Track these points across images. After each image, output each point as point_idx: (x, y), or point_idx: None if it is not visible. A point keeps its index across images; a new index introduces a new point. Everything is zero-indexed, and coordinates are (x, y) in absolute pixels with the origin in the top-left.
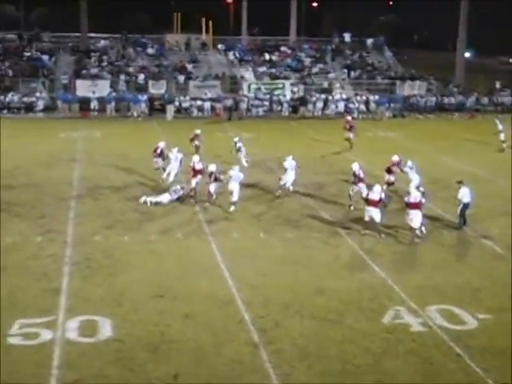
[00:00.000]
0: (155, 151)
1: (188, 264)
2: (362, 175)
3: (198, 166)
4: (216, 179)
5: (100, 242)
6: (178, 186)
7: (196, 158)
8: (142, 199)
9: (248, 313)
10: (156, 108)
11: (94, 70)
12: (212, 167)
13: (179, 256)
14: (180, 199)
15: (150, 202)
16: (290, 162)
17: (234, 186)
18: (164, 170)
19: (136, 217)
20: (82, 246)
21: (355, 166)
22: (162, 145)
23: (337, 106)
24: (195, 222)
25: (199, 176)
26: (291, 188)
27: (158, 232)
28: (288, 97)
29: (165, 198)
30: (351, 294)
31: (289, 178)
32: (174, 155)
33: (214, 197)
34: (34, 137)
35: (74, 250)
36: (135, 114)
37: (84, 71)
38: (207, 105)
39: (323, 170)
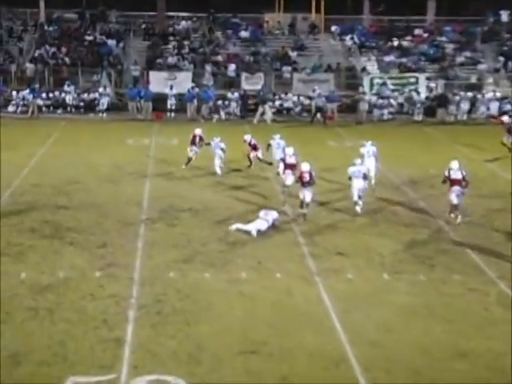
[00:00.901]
0: (192, 140)
1: (288, 311)
2: None
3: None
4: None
5: (175, 280)
6: (274, 212)
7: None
8: (233, 227)
9: (365, 377)
10: (250, 109)
11: (173, 59)
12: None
13: (276, 301)
14: (274, 225)
15: (238, 229)
16: (368, 148)
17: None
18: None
19: (221, 248)
20: (152, 284)
21: None
22: (198, 132)
23: (488, 108)
24: (297, 257)
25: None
26: (373, 181)
27: (249, 268)
28: (423, 95)
29: (259, 225)
30: (504, 359)
31: (355, 187)
32: (216, 144)
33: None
34: (95, 143)
35: (141, 289)
36: (223, 115)
37: (160, 60)
38: (317, 104)
39: (473, 191)
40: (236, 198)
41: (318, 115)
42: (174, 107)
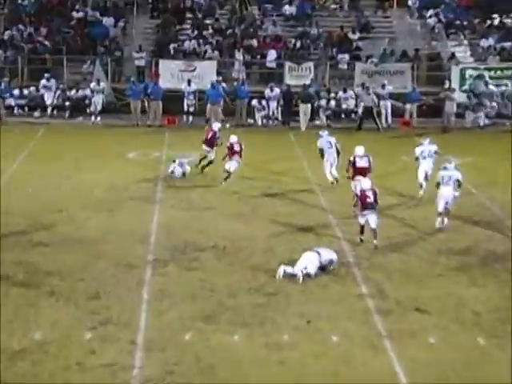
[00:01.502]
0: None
1: None
2: None
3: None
4: None
5: (193, 345)
6: (329, 251)
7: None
8: (280, 271)
9: None
10: (296, 110)
11: (191, 44)
12: None
13: (331, 373)
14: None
15: (286, 273)
16: (424, 148)
17: None
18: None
19: (256, 300)
20: (162, 350)
21: None
22: (216, 127)
23: None
24: (359, 313)
25: None
26: (421, 192)
27: (295, 329)
28: None
29: (309, 267)
30: None
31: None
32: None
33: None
34: (85, 158)
35: (147, 356)
36: (259, 120)
37: (173, 46)
38: (387, 105)
39: None
40: (276, 231)
41: (387, 119)
42: (192, 109)
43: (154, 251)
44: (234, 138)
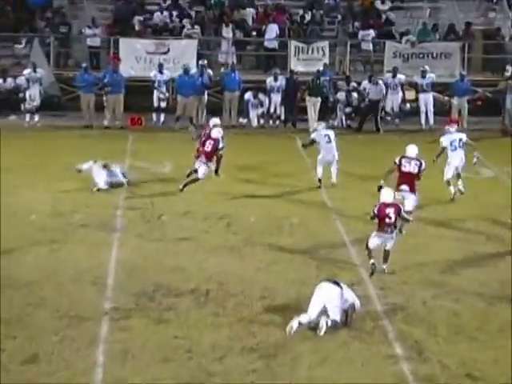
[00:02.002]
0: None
1: None
2: None
3: None
4: None
5: None
6: (349, 293)
7: None
8: (294, 325)
9: None
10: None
11: (162, 16)
12: None
13: None
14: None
15: (299, 326)
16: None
17: None
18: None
19: (249, 364)
20: None
21: None
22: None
23: None
24: (392, 380)
25: None
26: (460, 185)
27: None
28: None
29: (331, 312)
30: None
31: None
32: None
33: None
34: (18, 172)
35: None
36: (254, 119)
37: (138, 19)
38: (427, 99)
39: None
40: (276, 267)
41: (428, 118)
42: (164, 104)
43: (113, 298)
44: (216, 133)
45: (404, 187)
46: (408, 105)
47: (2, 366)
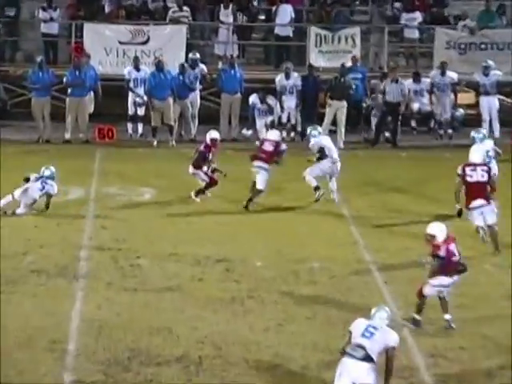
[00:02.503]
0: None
1: None
2: None
3: None
4: None
5: None
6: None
7: None
8: None
9: None
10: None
11: None
12: None
13: None
14: None
15: None
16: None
17: None
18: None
19: None
20: None
21: None
22: (214, 135)
23: None
24: None
25: None
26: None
27: None
28: None
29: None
30: None
31: None
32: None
33: None
34: None
35: None
36: (262, 130)
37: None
38: (491, 103)
39: None
40: (289, 328)
41: (493, 128)
42: (142, 111)
43: (75, 368)
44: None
45: (477, 202)
46: (461, 111)
47: None
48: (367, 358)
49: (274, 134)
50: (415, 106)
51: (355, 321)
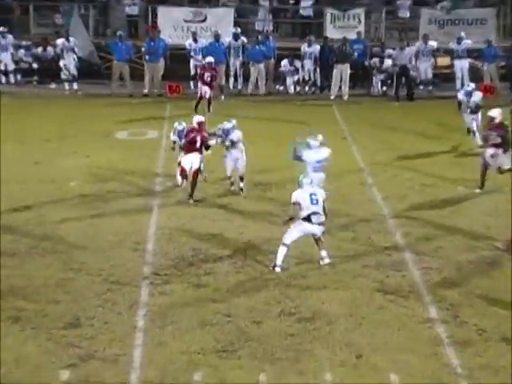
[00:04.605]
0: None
1: None
2: None
3: None
4: None
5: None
6: None
7: None
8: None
9: None
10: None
11: None
12: None
13: None
14: None
15: None
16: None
17: None
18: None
19: (289, 328)
20: None
21: None
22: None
23: None
24: (427, 343)
25: None
26: None
27: (340, 365)
28: None
29: None
30: None
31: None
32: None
33: None
34: (58, 140)
35: None
36: (291, 86)
37: None
38: (463, 66)
39: None
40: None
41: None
42: (192, 75)
43: (153, 262)
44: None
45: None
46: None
47: (44, 330)
48: (322, 223)
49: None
50: None
51: (294, 193)
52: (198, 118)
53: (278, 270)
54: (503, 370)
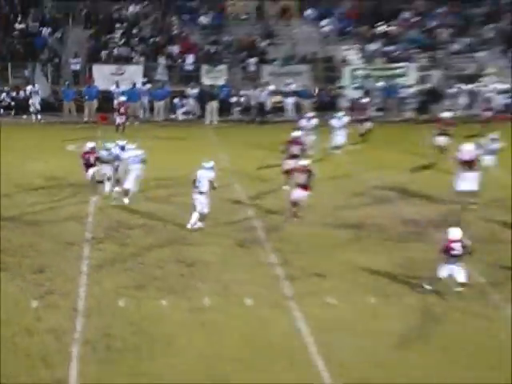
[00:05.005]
0: None
1: (259, 343)
2: None
3: None
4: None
5: (126, 310)
6: None
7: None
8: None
9: None
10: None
11: (120, 51)
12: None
13: (245, 331)
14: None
15: None
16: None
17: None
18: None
19: (181, 271)
20: (100, 315)
21: None
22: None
23: (490, 103)
24: (269, 279)
25: None
26: None
27: (214, 294)
28: (414, 89)
29: None
30: None
31: None
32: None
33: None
34: (28, 151)
35: (86, 321)
36: (180, 116)
37: (104, 52)
38: (289, 101)
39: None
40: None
41: (290, 114)
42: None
43: (91, 230)
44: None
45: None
46: None
47: (20, 275)
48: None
49: None
50: (253, 102)
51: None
52: (90, 144)
53: (189, 226)
54: (317, 295)
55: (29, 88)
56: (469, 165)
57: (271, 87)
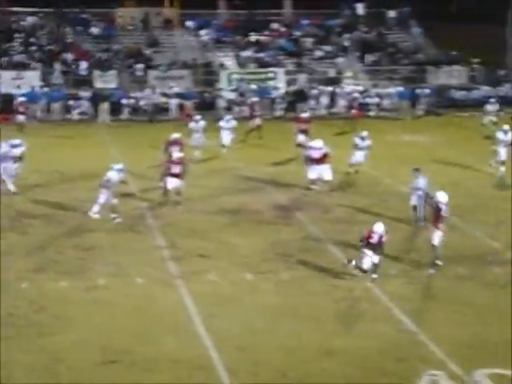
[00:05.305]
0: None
1: (149, 318)
2: None
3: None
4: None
5: (27, 291)
6: None
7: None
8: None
9: (232, 382)
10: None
11: (19, 57)
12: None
13: (137, 307)
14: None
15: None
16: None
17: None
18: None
19: (77, 254)
20: (3, 295)
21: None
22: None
23: (348, 102)
24: (157, 260)
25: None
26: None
27: (108, 275)
28: (282, 90)
29: None
30: (370, 355)
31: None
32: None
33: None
34: None
35: None
36: (75, 115)
37: (4, 59)
38: (173, 102)
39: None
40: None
41: (173, 114)
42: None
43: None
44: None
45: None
46: None
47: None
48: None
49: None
50: (141, 103)
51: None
52: None
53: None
54: (201, 273)
55: None
56: (317, 161)
57: (158, 90)
